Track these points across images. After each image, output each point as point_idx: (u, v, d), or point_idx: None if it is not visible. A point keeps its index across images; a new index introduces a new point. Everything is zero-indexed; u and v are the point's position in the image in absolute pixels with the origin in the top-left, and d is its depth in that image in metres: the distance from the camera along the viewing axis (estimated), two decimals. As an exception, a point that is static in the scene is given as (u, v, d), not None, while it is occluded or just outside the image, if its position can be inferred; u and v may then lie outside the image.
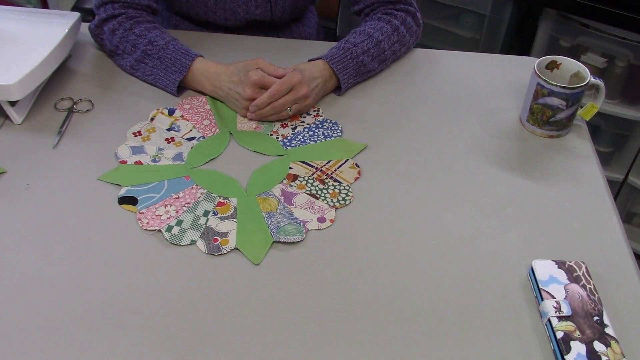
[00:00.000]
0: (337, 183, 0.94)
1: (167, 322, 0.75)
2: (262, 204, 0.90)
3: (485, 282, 0.81)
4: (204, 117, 1.06)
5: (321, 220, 0.88)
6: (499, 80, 1.17)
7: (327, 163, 0.98)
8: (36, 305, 0.76)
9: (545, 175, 0.98)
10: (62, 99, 1.07)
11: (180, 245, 0.84)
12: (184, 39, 1.22)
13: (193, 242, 0.85)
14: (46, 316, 0.75)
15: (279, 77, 1.02)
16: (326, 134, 1.04)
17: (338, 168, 0.97)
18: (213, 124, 1.04)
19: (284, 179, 0.95)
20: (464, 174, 0.97)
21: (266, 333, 0.75)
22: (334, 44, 1.15)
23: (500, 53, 1.64)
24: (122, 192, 0.91)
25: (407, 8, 1.17)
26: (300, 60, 1.11)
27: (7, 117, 1.02)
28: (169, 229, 0.86)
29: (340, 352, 0.73)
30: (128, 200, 0.90)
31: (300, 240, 0.85)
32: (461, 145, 1.03)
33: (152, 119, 1.04)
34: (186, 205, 0.90)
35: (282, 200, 0.91)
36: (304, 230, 0.87)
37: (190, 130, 1.03)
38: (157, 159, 0.97)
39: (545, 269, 0.80)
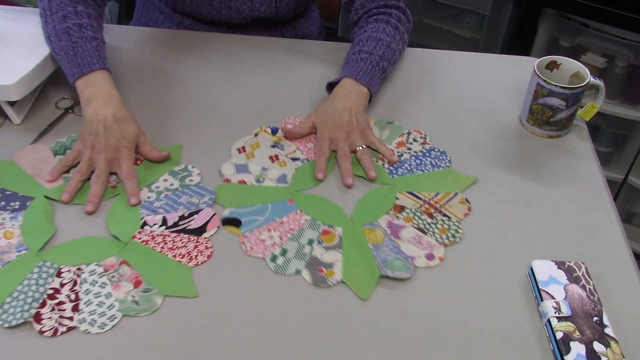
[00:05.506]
0: (446, 218, 0.90)
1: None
2: (368, 235, 0.85)
3: (485, 282, 0.81)
4: (307, 140, 1.01)
5: (429, 257, 0.84)
6: (499, 80, 1.17)
7: (435, 195, 0.93)
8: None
9: (545, 175, 0.98)
10: (63, 98, 1.07)
11: (284, 274, 0.81)
12: (185, 39, 1.23)
13: (298, 272, 0.81)
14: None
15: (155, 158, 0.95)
16: (434, 164, 0.98)
17: (447, 202, 0.92)
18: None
19: (391, 209, 0.90)
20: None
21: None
22: (335, 43, 1.14)
23: (500, 53, 1.64)
24: (226, 213, 0.88)
25: (398, 5, 1.16)
26: (302, 60, 1.10)
27: (6, 117, 1.02)
28: (274, 258, 0.82)
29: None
30: (232, 222, 0.87)
31: (409, 278, 0.81)
32: (461, 145, 1.03)
33: (255, 135, 1.01)
34: (290, 231, 0.86)
35: (389, 232, 0.87)
36: (412, 267, 0.82)
37: (294, 151, 0.99)
38: (261, 180, 0.94)
39: (545, 269, 0.80)
